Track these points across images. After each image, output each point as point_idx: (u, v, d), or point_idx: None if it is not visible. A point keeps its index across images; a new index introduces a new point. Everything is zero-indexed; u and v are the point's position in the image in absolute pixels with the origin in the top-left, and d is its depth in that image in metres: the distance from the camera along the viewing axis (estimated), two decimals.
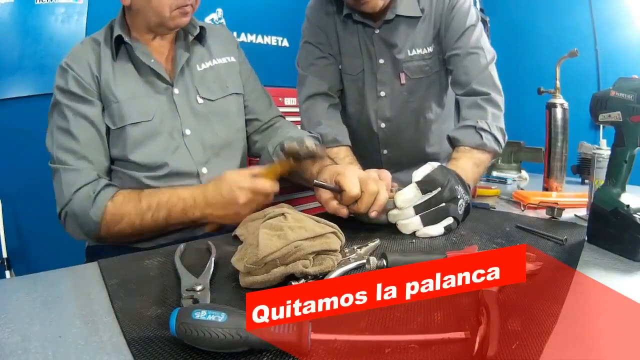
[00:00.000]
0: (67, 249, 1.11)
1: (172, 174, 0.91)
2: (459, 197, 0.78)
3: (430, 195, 0.77)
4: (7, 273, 1.69)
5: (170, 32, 0.96)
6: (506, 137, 1.05)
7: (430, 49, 1.11)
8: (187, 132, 0.94)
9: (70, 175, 0.85)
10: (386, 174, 0.83)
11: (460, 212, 0.79)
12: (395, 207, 0.78)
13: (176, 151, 0.92)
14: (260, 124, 1.09)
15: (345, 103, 1.22)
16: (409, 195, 0.77)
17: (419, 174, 0.79)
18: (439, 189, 0.77)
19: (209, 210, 0.84)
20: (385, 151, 1.24)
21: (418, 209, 0.77)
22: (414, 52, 1.11)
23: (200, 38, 1.01)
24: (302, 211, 0.72)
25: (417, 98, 1.16)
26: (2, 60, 1.79)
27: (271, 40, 2.68)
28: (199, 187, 0.87)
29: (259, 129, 1.09)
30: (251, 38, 2.58)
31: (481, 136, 0.98)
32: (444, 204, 0.77)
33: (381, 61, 1.13)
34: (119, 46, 0.92)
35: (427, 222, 0.77)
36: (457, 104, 1.15)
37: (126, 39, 0.90)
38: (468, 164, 0.95)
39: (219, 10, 2.43)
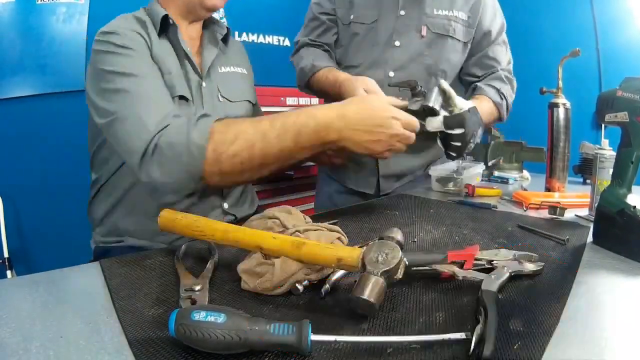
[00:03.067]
0: (68, 249, 1.11)
1: None
2: (474, 141, 0.88)
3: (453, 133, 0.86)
4: (8, 273, 1.69)
5: (204, 15, 0.96)
6: (510, 110, 1.20)
7: (459, 14, 1.14)
8: None
9: (151, 109, 0.73)
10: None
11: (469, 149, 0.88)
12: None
13: None
14: None
15: (351, 57, 1.20)
16: (436, 124, 0.86)
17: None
18: (463, 130, 0.85)
19: (348, 133, 0.74)
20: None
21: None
22: (441, 12, 1.13)
23: (225, 40, 1.03)
24: (300, 212, 0.72)
25: (434, 54, 1.14)
26: (3, 59, 1.79)
27: (272, 39, 2.68)
28: (332, 107, 0.76)
29: None
30: (252, 37, 2.59)
31: (501, 97, 1.14)
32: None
33: (402, 12, 1.13)
34: (162, 28, 0.89)
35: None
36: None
37: (171, 20, 0.89)
38: (486, 109, 1.07)
39: (220, 10, 2.44)
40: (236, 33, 2.53)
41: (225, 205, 0.98)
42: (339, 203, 1.25)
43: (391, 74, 1.15)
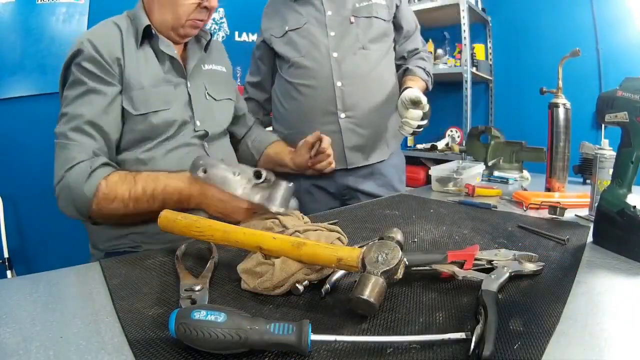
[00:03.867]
0: (68, 249, 1.11)
1: (184, 150, 0.95)
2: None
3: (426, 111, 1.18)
4: (9, 273, 1.69)
5: (177, 39, 0.99)
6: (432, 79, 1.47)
7: (378, 1, 1.33)
8: (198, 123, 0.98)
9: (70, 149, 0.84)
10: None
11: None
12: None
13: (189, 137, 0.96)
14: (247, 128, 1.25)
15: (293, 52, 1.33)
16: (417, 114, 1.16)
17: (414, 93, 1.18)
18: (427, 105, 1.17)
19: (205, 206, 0.83)
20: (339, 83, 1.28)
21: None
22: (363, 3, 1.33)
23: (207, 45, 1.08)
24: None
25: (367, 34, 1.31)
26: (4, 60, 1.79)
27: None
28: (197, 184, 0.83)
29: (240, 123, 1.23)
30: (252, 38, 2.58)
31: (427, 74, 1.41)
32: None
33: (329, 13, 1.31)
34: (143, 35, 0.93)
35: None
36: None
37: (154, 31, 0.94)
38: (421, 87, 1.34)
39: (221, 10, 2.44)
40: (236, 33, 2.53)
41: None
42: (306, 202, 1.31)
43: (334, 54, 1.28)
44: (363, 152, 1.31)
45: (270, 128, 1.46)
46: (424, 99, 1.17)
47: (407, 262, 0.52)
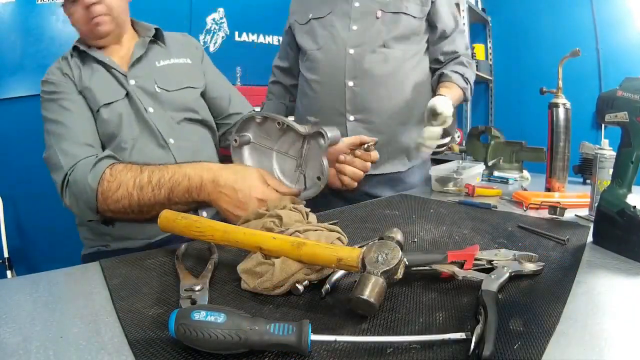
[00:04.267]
0: (68, 249, 1.11)
1: (141, 142, 0.98)
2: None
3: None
4: (8, 273, 1.69)
5: (103, 42, 1.02)
6: (472, 90, 1.36)
7: None
8: (150, 110, 1.01)
9: (70, 152, 0.87)
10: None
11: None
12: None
13: (145, 126, 0.99)
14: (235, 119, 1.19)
15: (311, 43, 1.28)
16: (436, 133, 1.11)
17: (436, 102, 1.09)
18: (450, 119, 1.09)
19: (215, 197, 0.81)
20: (351, 83, 1.23)
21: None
22: None
23: (158, 38, 1.10)
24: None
25: (391, 30, 1.22)
26: (3, 60, 1.79)
27: (272, 39, 2.68)
28: (210, 169, 0.82)
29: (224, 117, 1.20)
30: (252, 38, 2.59)
31: (465, 81, 1.28)
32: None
33: (356, 4, 1.24)
34: (82, 54, 1.00)
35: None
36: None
37: (82, 47, 1.00)
38: (456, 96, 1.24)
39: (220, 10, 2.44)
40: (236, 33, 2.53)
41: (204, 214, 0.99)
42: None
43: (351, 51, 1.22)
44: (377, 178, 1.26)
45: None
46: (447, 111, 1.07)
47: (407, 262, 0.52)
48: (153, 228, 0.82)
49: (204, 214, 0.95)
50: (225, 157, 1.11)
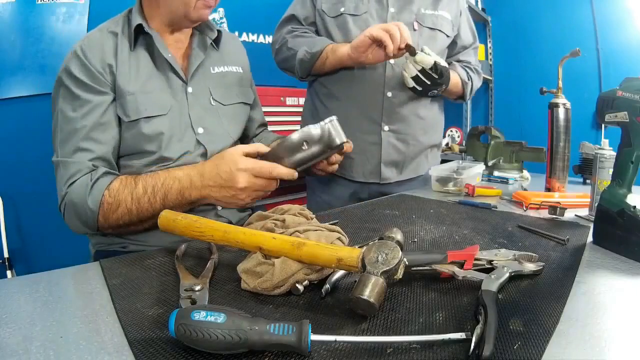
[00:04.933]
0: (68, 249, 1.11)
1: (181, 162, 0.91)
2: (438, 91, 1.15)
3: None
4: (9, 273, 1.69)
5: (190, 26, 0.95)
6: (472, 94, 1.39)
7: (444, 14, 1.25)
8: (200, 130, 0.94)
9: (69, 167, 0.83)
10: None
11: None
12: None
13: (188, 146, 0.92)
14: (257, 131, 1.16)
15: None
16: (427, 61, 1.09)
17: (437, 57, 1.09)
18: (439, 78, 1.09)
19: (206, 192, 0.82)
20: (390, 94, 1.22)
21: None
22: (428, 12, 1.24)
23: (217, 42, 1.02)
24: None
25: (429, 45, 1.19)
26: (4, 60, 1.79)
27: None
28: (195, 166, 0.84)
29: (255, 134, 1.16)
30: (252, 37, 2.58)
31: (468, 78, 1.32)
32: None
33: (392, 10, 1.22)
34: (137, 36, 0.90)
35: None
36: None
37: (146, 29, 0.89)
38: (453, 79, 1.24)
39: (221, 10, 2.44)
40: (236, 33, 2.53)
41: (219, 208, 0.95)
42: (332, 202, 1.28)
43: (391, 61, 1.20)
44: (399, 167, 1.27)
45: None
46: (426, 57, 1.08)
47: (407, 262, 0.52)
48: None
49: (218, 208, 0.94)
50: None
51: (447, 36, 1.27)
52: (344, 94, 1.24)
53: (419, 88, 1.10)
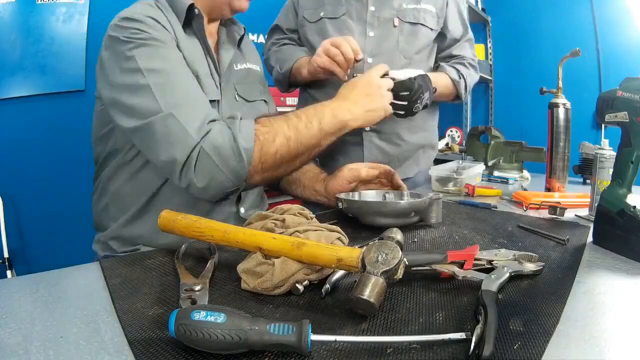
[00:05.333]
0: (68, 249, 1.11)
1: None
2: (423, 102, 1.00)
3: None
4: (9, 273, 1.69)
5: (228, 15, 0.95)
6: (469, 90, 1.32)
7: (427, 7, 1.21)
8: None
9: (190, 113, 0.72)
10: None
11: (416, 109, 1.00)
12: None
13: None
14: None
15: None
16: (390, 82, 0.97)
17: (405, 73, 0.97)
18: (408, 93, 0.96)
19: (357, 109, 0.86)
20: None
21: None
22: (410, 6, 1.21)
23: (241, 40, 1.03)
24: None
25: (409, 41, 1.20)
26: (3, 60, 1.79)
27: None
28: (336, 97, 0.90)
29: None
30: (252, 38, 2.59)
31: (459, 76, 1.26)
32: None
33: (372, 8, 1.20)
34: (191, 22, 0.87)
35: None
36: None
37: (197, 10, 0.85)
38: (441, 81, 1.21)
39: None
40: None
41: (242, 210, 0.94)
42: None
43: (369, 60, 1.18)
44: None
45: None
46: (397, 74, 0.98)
47: (407, 262, 0.52)
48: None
49: (242, 210, 0.93)
50: None
51: (431, 29, 1.23)
52: (323, 96, 1.20)
53: (401, 112, 0.99)
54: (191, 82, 0.78)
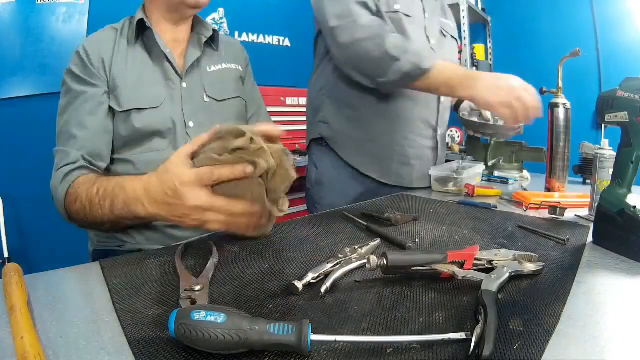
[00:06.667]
0: (68, 249, 1.11)
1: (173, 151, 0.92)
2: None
3: None
4: None
5: (190, 14, 0.98)
6: None
7: (450, 22, 1.28)
8: (191, 124, 0.96)
9: (59, 155, 0.87)
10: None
11: None
12: None
13: (177, 140, 0.95)
14: None
15: None
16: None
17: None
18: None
19: (153, 209, 0.68)
20: (442, 98, 1.23)
21: None
22: (443, 19, 1.25)
23: (213, 40, 1.05)
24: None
25: (451, 55, 1.26)
26: (4, 59, 1.79)
27: (272, 39, 2.69)
28: (143, 178, 0.70)
29: None
30: (252, 38, 2.59)
31: None
32: None
33: (427, 15, 1.18)
34: (138, 32, 0.94)
35: None
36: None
37: (148, 24, 0.93)
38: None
39: (221, 10, 2.44)
40: (236, 33, 2.53)
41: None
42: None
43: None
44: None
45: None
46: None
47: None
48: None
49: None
50: None
51: (457, 41, 1.31)
52: (399, 99, 1.13)
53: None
54: (77, 124, 0.88)
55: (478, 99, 0.99)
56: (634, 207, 0.66)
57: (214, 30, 1.04)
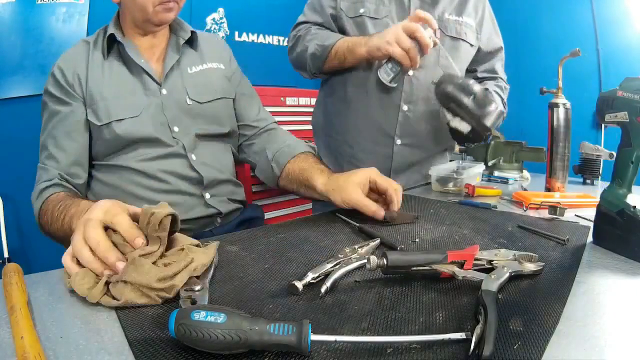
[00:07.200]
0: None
1: (163, 155, 0.95)
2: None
3: None
4: None
5: (157, 29, 0.98)
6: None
7: (468, 20, 1.20)
8: (176, 129, 0.97)
9: (39, 172, 0.92)
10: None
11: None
12: None
13: (165, 146, 0.96)
14: (255, 130, 1.12)
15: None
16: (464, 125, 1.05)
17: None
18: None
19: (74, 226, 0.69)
20: (406, 107, 1.18)
21: None
22: (452, 17, 1.18)
23: (192, 42, 1.04)
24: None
25: (451, 56, 1.15)
26: (3, 60, 1.79)
27: (272, 39, 2.69)
28: (86, 207, 0.71)
29: (255, 134, 1.12)
30: (252, 38, 2.59)
31: (504, 105, 1.24)
32: None
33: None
34: (111, 45, 0.95)
35: None
36: None
37: (118, 37, 0.94)
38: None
39: (220, 10, 2.44)
40: (236, 33, 2.53)
41: (207, 196, 1.00)
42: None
43: (410, 72, 1.16)
44: (405, 173, 1.27)
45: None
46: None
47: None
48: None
49: (207, 195, 1.00)
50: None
51: (472, 45, 1.22)
52: (359, 102, 1.19)
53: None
54: (56, 143, 0.92)
55: (371, 48, 1.07)
56: (634, 207, 0.66)
57: (192, 32, 1.03)
